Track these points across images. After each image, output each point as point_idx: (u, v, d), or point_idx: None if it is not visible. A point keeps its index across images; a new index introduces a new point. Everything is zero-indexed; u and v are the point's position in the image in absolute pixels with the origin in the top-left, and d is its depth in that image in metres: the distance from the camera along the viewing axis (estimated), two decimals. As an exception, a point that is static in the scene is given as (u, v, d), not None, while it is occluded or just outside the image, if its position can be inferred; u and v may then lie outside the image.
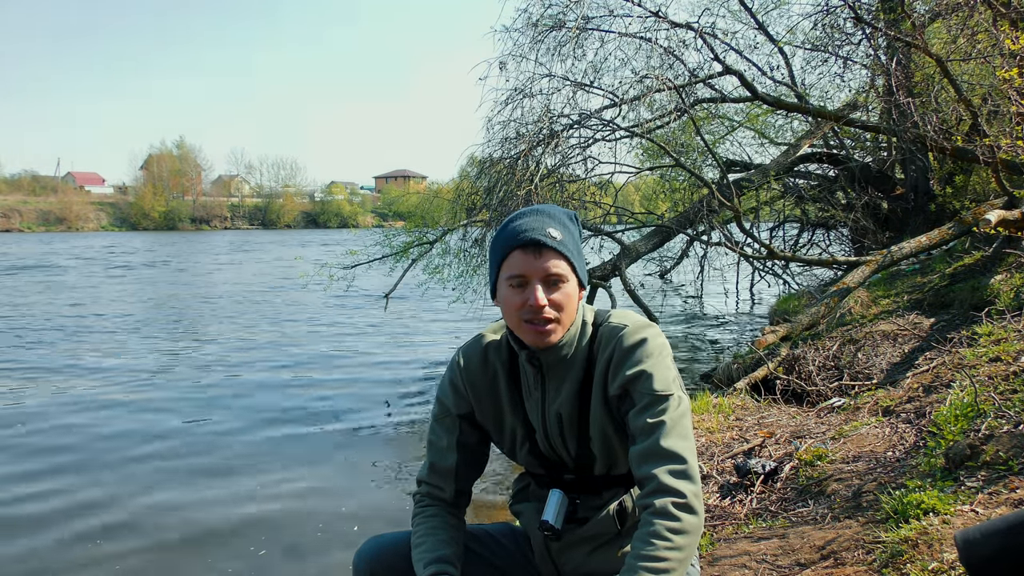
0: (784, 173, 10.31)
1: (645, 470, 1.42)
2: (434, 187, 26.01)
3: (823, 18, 7.87)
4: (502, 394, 1.64)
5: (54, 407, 6.96)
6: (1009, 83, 5.13)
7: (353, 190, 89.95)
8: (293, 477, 5.12)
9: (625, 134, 7.59)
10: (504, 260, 1.51)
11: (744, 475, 3.29)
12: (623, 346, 1.51)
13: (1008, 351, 3.78)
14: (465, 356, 1.67)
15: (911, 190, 10.27)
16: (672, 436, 1.42)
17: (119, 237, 52.44)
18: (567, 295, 1.50)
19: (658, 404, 1.45)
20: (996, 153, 5.44)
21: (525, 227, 1.49)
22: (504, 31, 7.26)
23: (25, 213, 63.51)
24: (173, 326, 12.12)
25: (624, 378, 1.48)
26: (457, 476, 1.66)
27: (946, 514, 2.24)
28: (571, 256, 1.51)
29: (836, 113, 8.43)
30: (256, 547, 4.00)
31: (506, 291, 1.51)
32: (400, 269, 9.59)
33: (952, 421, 2.98)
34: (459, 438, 1.65)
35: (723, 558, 2.54)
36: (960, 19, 6.21)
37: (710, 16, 8.00)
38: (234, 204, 77.62)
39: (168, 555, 3.96)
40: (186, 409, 6.89)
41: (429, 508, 1.66)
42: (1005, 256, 5.88)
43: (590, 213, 8.71)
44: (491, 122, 7.45)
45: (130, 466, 5.37)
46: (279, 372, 8.48)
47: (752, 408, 4.59)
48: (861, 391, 4.60)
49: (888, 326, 5.74)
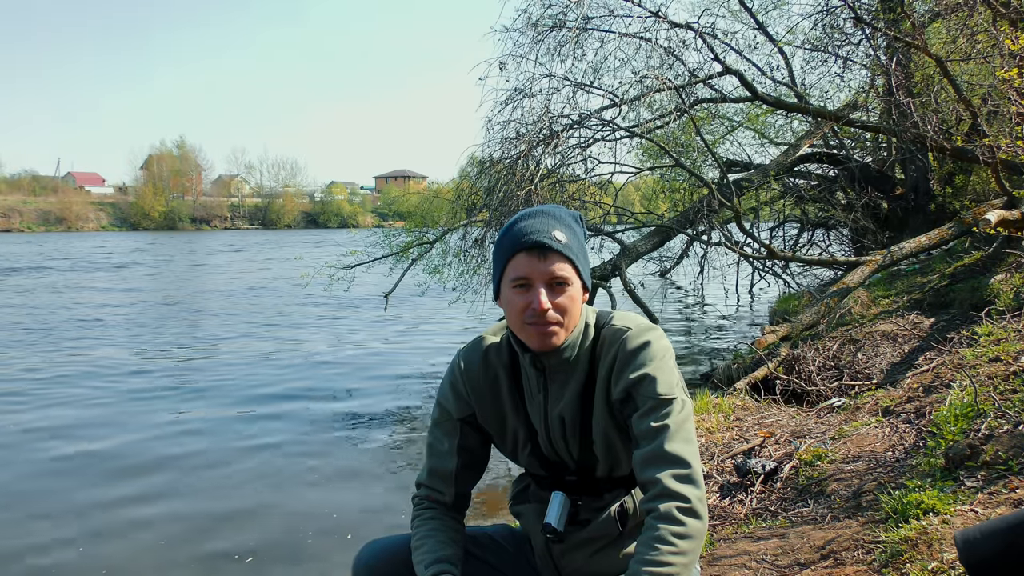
0: (784, 173, 10.32)
1: (649, 474, 1.42)
2: (434, 187, 26.01)
3: (823, 18, 7.87)
4: (504, 396, 1.63)
5: (54, 407, 6.96)
6: (1009, 83, 5.13)
7: (353, 190, 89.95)
8: (291, 480, 5.11)
9: (625, 134, 7.60)
10: (508, 262, 1.50)
11: (744, 475, 3.29)
12: (626, 349, 1.50)
13: (1008, 351, 3.78)
14: (466, 359, 1.65)
15: (911, 190, 10.27)
16: (676, 440, 1.42)
17: (119, 237, 52.41)
18: (571, 298, 1.49)
19: (662, 408, 1.44)
20: (996, 153, 5.44)
21: (530, 229, 1.48)
22: (504, 31, 7.27)
23: (25, 213, 63.52)
24: (170, 326, 12.12)
25: (627, 382, 1.48)
26: (457, 480, 1.65)
27: (946, 514, 2.24)
28: (575, 259, 1.50)
29: (836, 113, 8.43)
30: (254, 551, 4.00)
31: (510, 293, 1.50)
32: (400, 269, 9.60)
33: (952, 421, 2.98)
34: (460, 442, 1.64)
35: (723, 558, 2.54)
36: (960, 19, 6.22)
37: (710, 16, 8.02)
38: (234, 204, 77.61)
39: (166, 556, 3.95)
40: (183, 409, 6.89)
41: (428, 511, 1.65)
42: (1005, 256, 5.88)
43: (590, 213, 8.71)
44: (491, 122, 7.47)
45: (126, 466, 5.37)
46: (277, 373, 8.48)
47: (752, 408, 4.59)
48: (861, 391, 4.60)
49: (888, 326, 5.74)
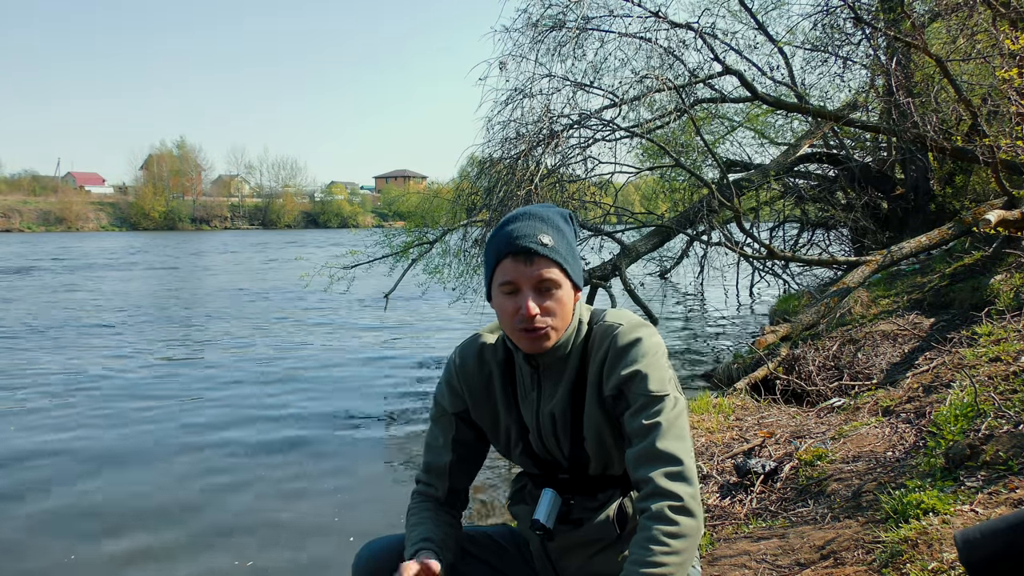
0: (784, 173, 10.32)
1: (641, 473, 1.41)
2: (434, 187, 26.02)
3: (823, 18, 7.88)
4: (497, 394, 1.64)
5: (54, 406, 6.97)
6: (1009, 83, 5.13)
7: (353, 190, 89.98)
8: (291, 479, 5.10)
9: (625, 134, 7.60)
10: (496, 266, 1.50)
11: (744, 475, 3.29)
12: (617, 346, 1.49)
13: (1008, 351, 3.78)
14: (461, 355, 1.67)
15: (911, 190, 10.27)
16: (668, 437, 1.41)
17: (119, 237, 52.42)
18: (560, 301, 1.49)
19: (653, 405, 1.44)
20: (996, 153, 5.44)
21: (516, 233, 1.47)
22: (504, 31, 7.26)
23: (25, 213, 63.55)
24: (169, 326, 12.12)
25: (619, 378, 1.47)
26: (451, 474, 1.66)
27: (946, 514, 2.24)
28: (563, 262, 1.49)
29: (836, 113, 8.43)
30: (253, 550, 3.99)
31: (499, 297, 1.51)
32: (400, 269, 9.60)
33: (952, 421, 2.97)
34: (455, 436, 1.65)
35: (723, 558, 2.54)
36: (960, 19, 6.22)
37: (710, 16, 8.02)
38: (234, 204, 77.61)
39: (166, 556, 3.95)
40: (183, 409, 6.89)
41: (421, 504, 1.67)
42: (1005, 256, 5.88)
43: (590, 213, 8.71)
44: (491, 122, 7.46)
45: (126, 466, 5.36)
46: (277, 372, 8.48)
47: (752, 408, 4.59)
48: (861, 391, 4.60)
49: (888, 326, 5.74)
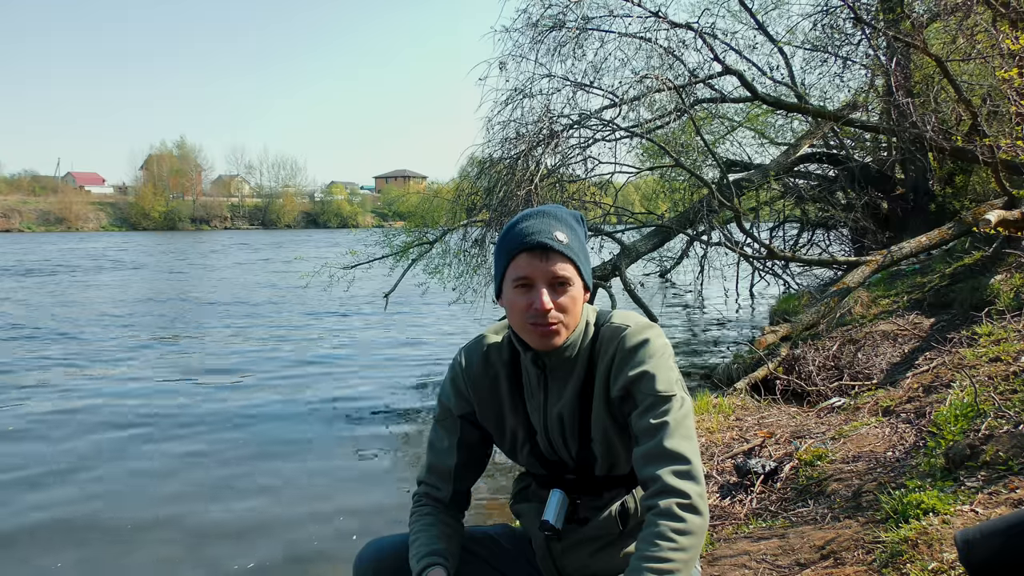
0: (784, 173, 10.32)
1: (649, 471, 1.42)
2: (434, 187, 26.00)
3: (823, 18, 7.89)
4: (503, 395, 1.64)
5: (54, 406, 6.97)
6: (1009, 83, 5.14)
7: (353, 190, 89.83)
8: (293, 479, 5.11)
9: (625, 134, 7.60)
10: (510, 262, 1.51)
11: (744, 475, 3.29)
12: (625, 347, 1.51)
13: (1008, 351, 3.79)
14: (467, 356, 1.67)
15: (911, 190, 10.27)
16: (675, 437, 1.43)
17: (119, 237, 52.41)
18: (572, 298, 1.50)
19: (661, 405, 1.45)
20: (996, 153, 5.44)
21: (532, 229, 1.49)
22: (504, 31, 7.27)
23: (25, 213, 63.47)
24: (169, 326, 12.11)
25: (626, 379, 1.48)
26: (456, 477, 1.65)
27: (946, 514, 2.24)
28: (577, 259, 1.51)
29: (836, 113, 8.44)
30: (256, 550, 3.99)
31: (512, 293, 1.51)
32: (400, 269, 9.60)
33: (952, 421, 2.98)
34: (460, 438, 1.65)
35: (723, 558, 2.54)
36: (959, 19, 6.22)
37: (710, 16, 8.01)
38: (234, 204, 77.45)
39: (166, 556, 3.95)
40: (183, 410, 6.89)
41: (425, 507, 1.65)
42: (1005, 256, 5.88)
43: (590, 213, 8.70)
44: (491, 122, 7.47)
45: (127, 467, 5.36)
46: (277, 373, 8.47)
47: (752, 408, 4.59)
48: (861, 391, 4.60)
49: (888, 326, 5.74)
